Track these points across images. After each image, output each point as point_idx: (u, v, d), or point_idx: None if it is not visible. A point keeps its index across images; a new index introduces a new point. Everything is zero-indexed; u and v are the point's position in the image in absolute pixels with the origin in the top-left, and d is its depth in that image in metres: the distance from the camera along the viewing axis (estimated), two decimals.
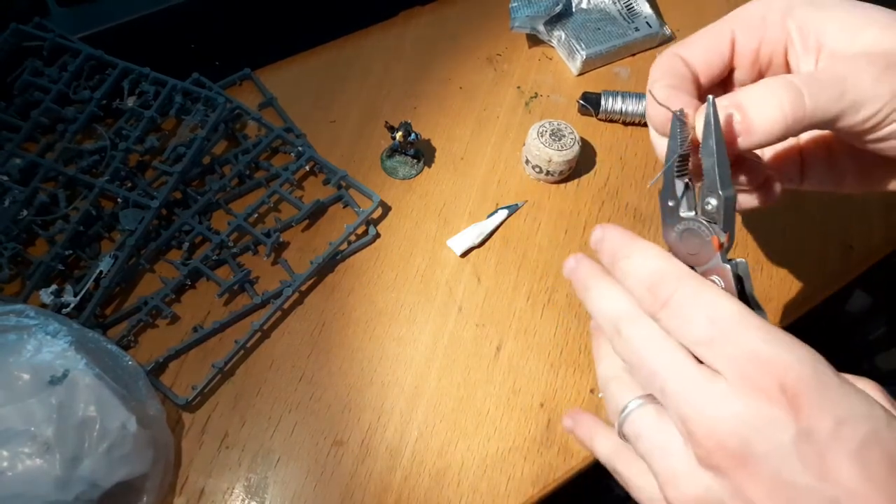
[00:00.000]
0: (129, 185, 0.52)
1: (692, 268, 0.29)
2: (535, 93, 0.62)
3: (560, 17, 0.65)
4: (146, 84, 0.54)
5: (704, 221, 0.30)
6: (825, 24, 0.33)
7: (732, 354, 0.26)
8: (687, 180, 0.32)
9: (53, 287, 0.47)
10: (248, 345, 0.48)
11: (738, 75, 0.37)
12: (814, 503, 0.24)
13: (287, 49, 0.63)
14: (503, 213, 0.55)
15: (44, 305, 0.46)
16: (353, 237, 0.52)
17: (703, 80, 0.36)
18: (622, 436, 0.30)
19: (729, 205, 0.30)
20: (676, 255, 0.31)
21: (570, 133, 0.55)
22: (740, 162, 0.36)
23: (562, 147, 0.54)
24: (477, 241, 0.53)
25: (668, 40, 0.66)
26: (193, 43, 0.59)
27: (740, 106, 0.31)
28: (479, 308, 0.51)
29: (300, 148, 0.55)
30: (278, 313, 0.49)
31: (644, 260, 0.29)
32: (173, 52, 0.58)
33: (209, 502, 0.43)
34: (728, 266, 0.29)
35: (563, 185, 0.57)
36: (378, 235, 0.53)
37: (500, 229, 0.54)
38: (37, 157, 0.50)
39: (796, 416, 0.24)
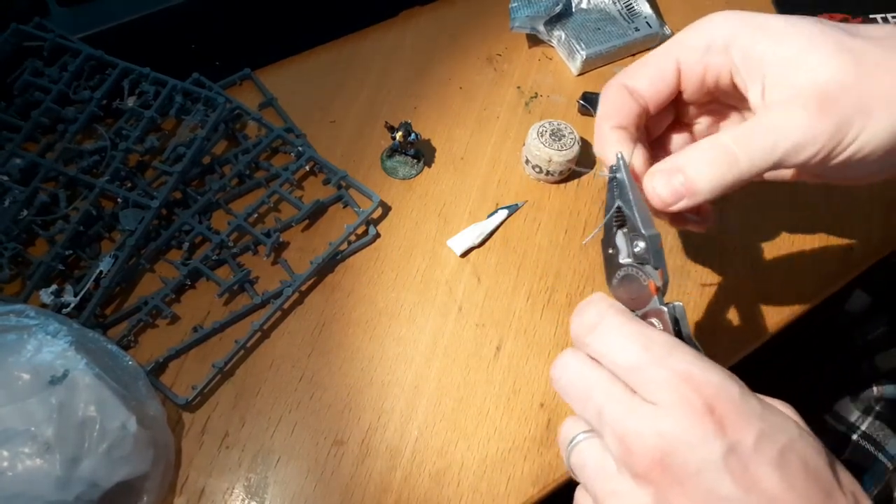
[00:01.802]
0: (129, 185, 0.52)
1: (633, 311, 0.32)
2: (535, 93, 0.62)
3: (560, 17, 0.65)
4: (146, 84, 0.54)
5: (639, 265, 0.32)
6: (767, 54, 0.33)
7: (664, 376, 0.28)
8: (625, 229, 0.34)
9: (53, 287, 0.47)
10: (248, 345, 0.48)
11: (687, 96, 0.38)
12: None
13: (287, 49, 0.63)
14: (503, 213, 0.55)
15: (44, 305, 0.46)
16: (353, 237, 0.52)
17: (652, 107, 0.37)
18: (570, 469, 0.32)
19: (654, 244, 0.32)
20: (619, 300, 0.33)
21: (570, 133, 0.55)
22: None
23: (562, 147, 0.54)
24: (477, 241, 0.53)
25: (668, 40, 0.66)
26: (193, 43, 0.59)
27: (681, 169, 0.33)
28: (479, 308, 0.51)
29: (300, 148, 0.55)
30: (278, 313, 0.49)
31: (587, 306, 0.32)
32: (173, 52, 0.58)
33: (209, 502, 0.43)
34: (665, 308, 0.31)
35: (563, 185, 0.57)
36: (378, 235, 0.53)
37: (500, 229, 0.54)
38: (37, 157, 0.50)
39: (723, 432, 0.26)
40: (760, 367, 0.51)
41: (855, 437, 0.61)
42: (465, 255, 0.53)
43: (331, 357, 0.48)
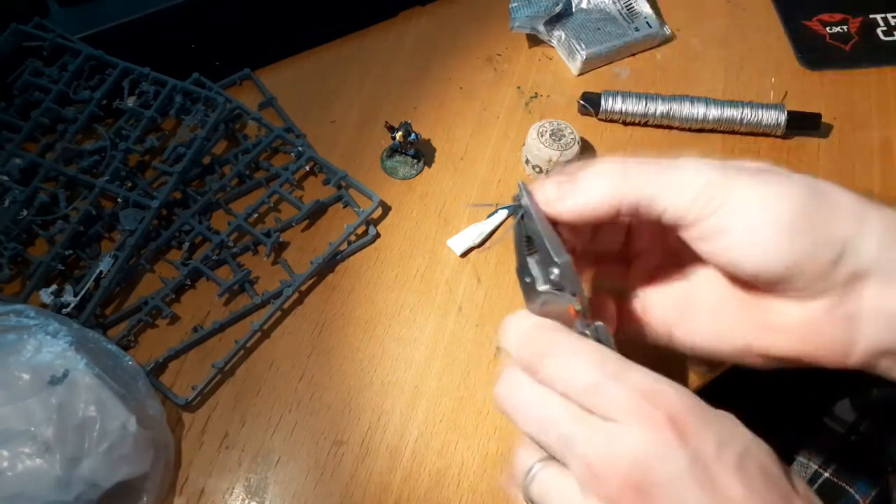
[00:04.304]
0: (129, 185, 0.52)
1: None
2: (535, 93, 0.62)
3: (560, 17, 0.65)
4: (146, 84, 0.54)
5: (556, 292, 0.32)
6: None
7: (623, 393, 0.27)
8: (537, 257, 0.34)
9: (53, 287, 0.47)
10: (248, 345, 0.48)
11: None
12: None
13: (287, 49, 0.63)
14: (503, 213, 0.55)
15: (44, 305, 0.46)
16: (353, 237, 0.52)
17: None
18: (529, 501, 0.31)
19: (566, 269, 0.31)
20: None
21: (570, 133, 0.55)
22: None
23: (562, 147, 0.54)
24: (477, 241, 0.53)
25: (668, 40, 0.66)
26: (193, 43, 0.59)
27: (573, 175, 0.33)
28: (479, 308, 0.51)
29: (300, 148, 0.55)
30: (278, 313, 0.49)
31: (518, 320, 0.32)
32: (173, 52, 0.58)
33: (209, 502, 0.43)
34: (587, 331, 0.32)
35: None
36: (378, 235, 0.53)
37: (500, 229, 0.54)
38: (37, 157, 0.51)
39: (686, 442, 0.26)
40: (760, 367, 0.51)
41: (853, 438, 0.61)
42: (465, 255, 0.53)
43: (331, 357, 0.48)
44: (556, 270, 0.32)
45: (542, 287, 0.33)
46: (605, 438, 0.27)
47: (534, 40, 0.66)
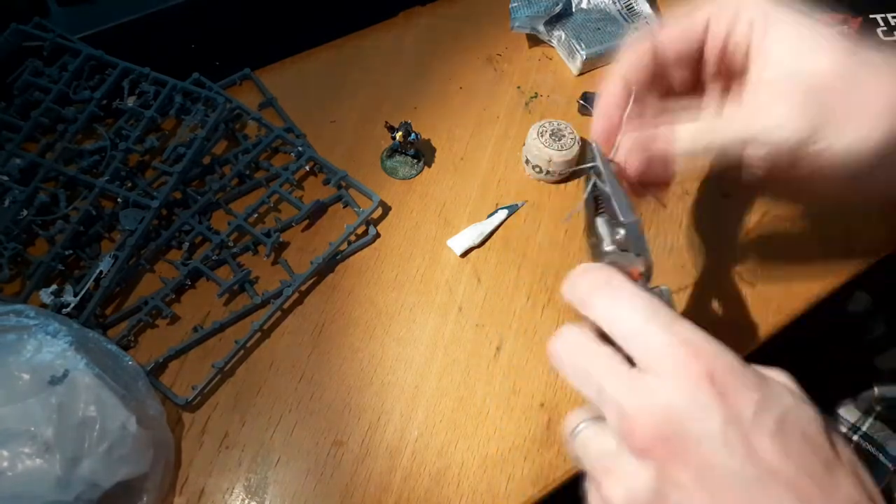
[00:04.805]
0: (129, 185, 0.52)
1: None
2: (535, 93, 0.62)
3: (560, 17, 0.65)
4: (146, 84, 0.54)
5: (622, 252, 0.32)
6: (777, 39, 0.35)
7: (665, 342, 0.27)
8: (607, 217, 0.34)
9: (53, 287, 0.47)
10: (248, 345, 0.48)
11: (707, 57, 0.39)
12: (737, 483, 0.25)
13: (287, 49, 0.63)
14: (503, 213, 0.55)
15: (44, 305, 0.46)
16: (353, 237, 0.52)
17: (674, 57, 0.38)
18: (574, 458, 0.31)
19: (633, 231, 0.32)
20: None
21: (570, 133, 0.55)
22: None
23: (562, 147, 0.54)
24: (477, 241, 0.53)
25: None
26: (193, 43, 0.59)
27: (657, 134, 0.35)
28: (479, 308, 0.51)
29: (300, 148, 0.55)
30: (278, 313, 0.49)
31: (583, 268, 0.32)
32: (173, 52, 0.58)
33: (209, 502, 0.43)
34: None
35: (563, 185, 0.57)
36: (378, 235, 0.53)
37: (500, 229, 0.54)
38: (37, 157, 0.50)
39: (724, 402, 0.26)
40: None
41: (856, 437, 0.61)
42: (465, 255, 0.53)
43: (331, 357, 0.48)
44: (622, 231, 0.32)
45: (608, 247, 0.33)
46: (642, 389, 0.27)
47: (534, 40, 0.66)
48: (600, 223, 0.34)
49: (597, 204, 0.34)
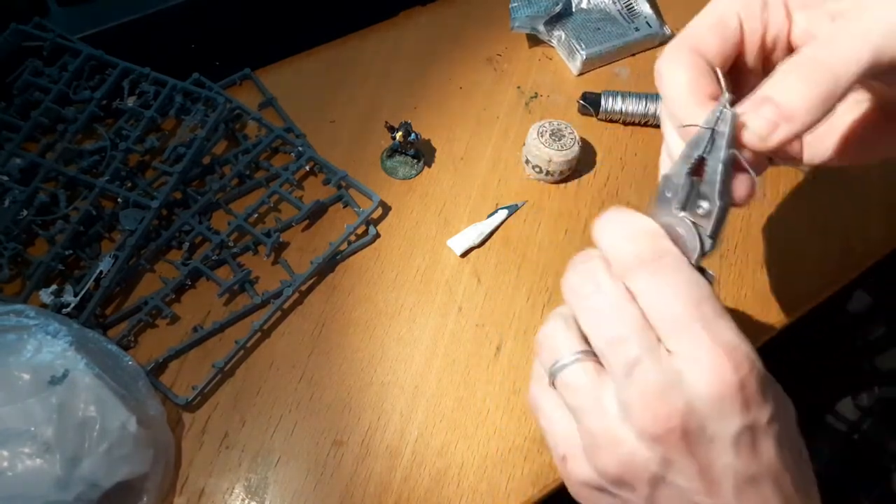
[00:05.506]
0: (129, 185, 0.52)
1: None
2: (535, 93, 0.62)
3: (560, 17, 0.65)
4: (146, 84, 0.54)
5: (692, 222, 0.30)
6: None
7: (706, 339, 0.27)
8: (694, 178, 0.31)
9: (53, 287, 0.47)
10: (248, 345, 0.48)
11: (748, 59, 0.35)
12: (736, 478, 0.26)
13: (287, 49, 0.63)
14: (503, 213, 0.55)
15: (44, 305, 0.46)
16: (353, 237, 0.52)
17: (721, 67, 0.33)
18: (553, 384, 0.30)
19: (721, 214, 0.30)
20: None
21: (570, 133, 0.55)
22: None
23: (562, 147, 0.54)
24: (477, 241, 0.53)
25: (668, 40, 0.66)
26: (193, 43, 0.59)
27: (768, 98, 0.29)
28: (479, 308, 0.51)
29: (300, 148, 0.55)
30: (278, 313, 0.49)
31: (632, 217, 0.30)
32: (173, 52, 0.58)
33: (209, 502, 0.43)
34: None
35: (563, 185, 0.57)
36: (378, 235, 0.53)
37: (500, 229, 0.54)
38: (37, 157, 0.50)
39: (745, 411, 0.26)
40: None
41: (856, 436, 0.61)
42: (465, 255, 0.53)
43: (331, 357, 0.48)
44: (706, 205, 0.30)
45: (679, 212, 0.30)
46: (673, 377, 0.26)
47: (534, 40, 0.66)
48: (686, 183, 0.31)
49: (698, 163, 0.31)
